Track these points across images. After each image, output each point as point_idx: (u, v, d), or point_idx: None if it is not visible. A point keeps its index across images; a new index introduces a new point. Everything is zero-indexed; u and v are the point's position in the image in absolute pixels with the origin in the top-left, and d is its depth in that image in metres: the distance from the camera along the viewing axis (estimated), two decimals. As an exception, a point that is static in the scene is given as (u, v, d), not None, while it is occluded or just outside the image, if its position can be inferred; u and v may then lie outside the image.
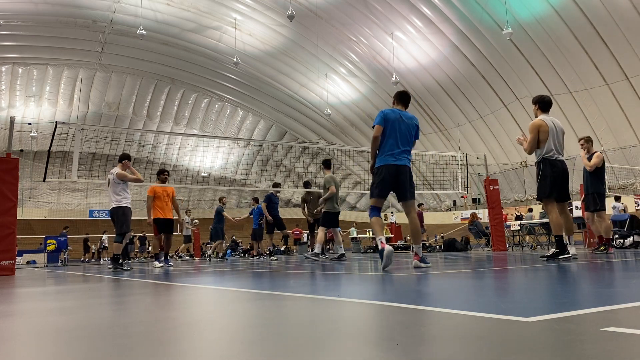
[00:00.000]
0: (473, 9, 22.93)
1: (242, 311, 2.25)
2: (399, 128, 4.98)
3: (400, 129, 4.98)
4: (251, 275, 5.13)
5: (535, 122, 5.80)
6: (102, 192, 41.26)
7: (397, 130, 4.97)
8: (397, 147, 4.96)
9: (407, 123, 5.05)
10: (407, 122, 5.05)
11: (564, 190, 5.81)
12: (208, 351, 1.37)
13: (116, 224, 8.13)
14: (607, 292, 2.43)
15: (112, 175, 8.27)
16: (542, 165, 5.72)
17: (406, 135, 5.01)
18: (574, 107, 24.80)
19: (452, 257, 9.07)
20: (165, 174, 9.72)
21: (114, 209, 8.18)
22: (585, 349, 1.16)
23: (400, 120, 5.00)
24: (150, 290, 3.77)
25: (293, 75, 32.83)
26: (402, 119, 5.03)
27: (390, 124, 4.97)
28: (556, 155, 5.74)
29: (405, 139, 5.01)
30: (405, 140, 5.00)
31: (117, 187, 8.21)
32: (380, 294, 2.76)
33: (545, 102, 5.95)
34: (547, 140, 5.72)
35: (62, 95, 34.49)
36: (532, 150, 5.80)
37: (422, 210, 18.81)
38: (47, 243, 17.26)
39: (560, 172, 5.70)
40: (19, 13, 26.71)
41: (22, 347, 1.56)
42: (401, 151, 4.97)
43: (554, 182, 5.68)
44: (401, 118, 5.03)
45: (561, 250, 5.66)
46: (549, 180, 5.67)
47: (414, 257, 5.11)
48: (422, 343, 1.32)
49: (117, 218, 8.10)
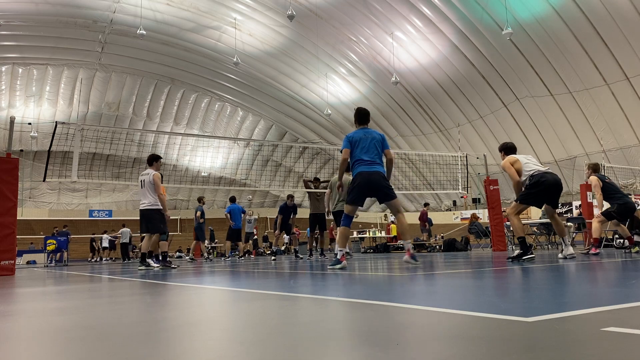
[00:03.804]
0: (473, 9, 22.92)
1: (242, 311, 2.25)
2: (365, 143, 5.54)
3: (366, 144, 5.54)
4: (254, 276, 5.13)
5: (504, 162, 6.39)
6: (102, 192, 41.26)
7: (364, 146, 5.53)
8: (367, 157, 5.49)
9: (372, 137, 5.60)
10: (372, 137, 5.61)
11: (554, 200, 6.23)
12: (208, 351, 1.37)
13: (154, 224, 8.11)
14: (607, 292, 2.43)
15: (149, 176, 8.18)
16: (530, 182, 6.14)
17: (374, 148, 5.54)
18: (574, 107, 24.80)
19: (452, 257, 9.07)
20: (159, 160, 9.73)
21: (149, 211, 8.11)
22: (585, 349, 1.16)
23: (365, 137, 5.59)
24: (150, 290, 3.77)
25: (293, 76, 32.81)
26: (366, 135, 5.61)
27: (357, 142, 5.57)
28: (541, 171, 6.16)
29: (374, 150, 5.53)
30: (373, 152, 5.53)
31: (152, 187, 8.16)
32: (380, 294, 2.76)
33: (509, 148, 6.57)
34: (523, 165, 6.23)
35: (62, 95, 34.47)
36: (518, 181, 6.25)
37: (426, 210, 18.80)
38: (47, 243, 17.21)
39: (548, 186, 6.05)
40: (20, 13, 26.69)
41: (22, 347, 1.56)
42: (371, 160, 5.49)
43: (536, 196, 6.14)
44: (365, 135, 5.61)
45: (525, 251, 5.93)
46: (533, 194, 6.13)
47: (406, 252, 5.55)
48: (422, 343, 1.32)
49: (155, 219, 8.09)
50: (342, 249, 5.54)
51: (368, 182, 5.44)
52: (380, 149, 5.62)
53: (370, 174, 5.43)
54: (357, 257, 11.19)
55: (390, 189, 5.55)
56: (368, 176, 5.42)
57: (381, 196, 5.52)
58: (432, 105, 30.51)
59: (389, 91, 30.68)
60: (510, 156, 6.42)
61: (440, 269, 5.00)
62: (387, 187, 5.50)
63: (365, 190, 5.48)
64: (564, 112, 25.23)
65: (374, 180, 5.43)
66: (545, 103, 25.39)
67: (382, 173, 5.52)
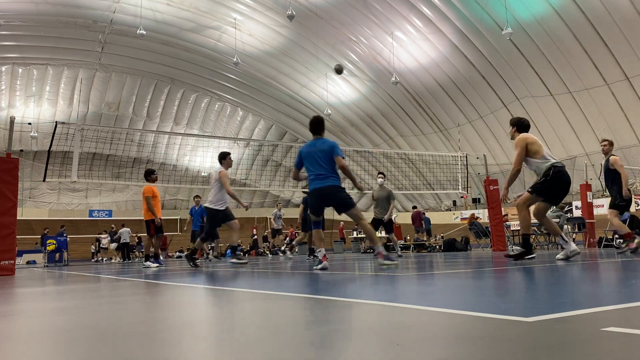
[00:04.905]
0: (473, 9, 22.92)
1: (243, 311, 2.25)
2: (313, 157, 5.55)
3: (314, 158, 5.54)
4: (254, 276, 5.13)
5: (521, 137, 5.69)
6: (102, 192, 41.25)
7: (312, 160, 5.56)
8: (317, 171, 5.53)
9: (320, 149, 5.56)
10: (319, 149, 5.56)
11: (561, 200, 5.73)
12: (208, 351, 1.37)
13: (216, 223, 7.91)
14: (607, 292, 2.43)
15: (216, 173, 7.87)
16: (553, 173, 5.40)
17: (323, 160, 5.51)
18: (574, 107, 24.80)
19: (452, 257, 9.07)
20: (155, 174, 9.61)
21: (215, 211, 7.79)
22: (585, 349, 1.16)
23: (312, 151, 5.58)
24: (150, 290, 3.77)
25: (293, 75, 32.81)
26: (314, 148, 5.59)
27: (305, 158, 5.62)
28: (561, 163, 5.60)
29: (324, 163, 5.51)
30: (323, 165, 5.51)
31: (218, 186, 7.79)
32: (380, 294, 2.76)
33: (523, 125, 5.87)
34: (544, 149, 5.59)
35: (62, 95, 34.47)
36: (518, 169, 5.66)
37: (418, 211, 18.84)
38: (47, 243, 17.20)
39: (566, 184, 5.50)
40: (20, 13, 26.69)
41: (22, 347, 1.56)
42: (322, 174, 5.50)
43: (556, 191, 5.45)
44: (313, 148, 5.59)
45: (528, 250, 5.54)
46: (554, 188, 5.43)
47: (379, 256, 5.53)
48: (422, 343, 1.32)
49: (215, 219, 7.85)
50: (320, 249, 5.65)
51: (320, 197, 5.55)
52: (329, 159, 5.53)
53: (321, 189, 5.51)
54: (357, 257, 11.19)
55: (346, 199, 5.59)
56: (319, 192, 5.52)
57: (338, 208, 5.60)
58: (432, 105, 30.50)
59: (389, 91, 30.66)
60: (529, 134, 5.74)
61: (440, 269, 5.01)
62: (341, 199, 5.54)
63: (321, 203, 5.64)
64: (564, 112, 25.22)
65: (326, 195, 5.52)
66: (545, 103, 25.39)
67: (335, 186, 5.52)
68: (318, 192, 5.55)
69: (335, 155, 5.53)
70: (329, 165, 5.53)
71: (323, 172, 5.50)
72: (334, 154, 5.53)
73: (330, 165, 5.53)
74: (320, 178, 5.51)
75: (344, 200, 5.58)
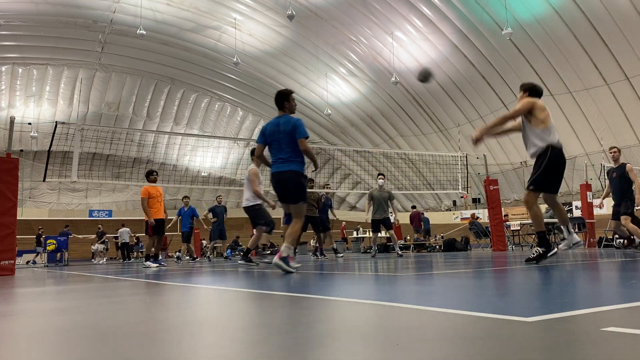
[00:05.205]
0: (473, 9, 22.92)
1: (242, 311, 2.25)
2: (276, 137, 5.10)
3: (277, 138, 5.09)
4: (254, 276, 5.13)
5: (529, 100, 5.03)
6: (102, 192, 41.24)
7: (274, 139, 5.11)
8: (279, 154, 5.10)
9: (282, 129, 5.07)
10: (282, 129, 5.08)
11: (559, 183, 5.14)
12: (208, 351, 1.37)
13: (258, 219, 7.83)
14: (607, 292, 2.43)
15: (248, 171, 7.85)
16: (551, 156, 4.85)
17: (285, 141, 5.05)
18: (574, 107, 24.79)
19: (451, 257, 9.07)
20: (154, 174, 9.66)
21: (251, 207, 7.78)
22: (585, 349, 1.16)
23: (277, 130, 5.11)
24: (151, 290, 3.77)
25: (293, 76, 32.81)
26: (278, 128, 5.11)
27: (269, 137, 5.16)
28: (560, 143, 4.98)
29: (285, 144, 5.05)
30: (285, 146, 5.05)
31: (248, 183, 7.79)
32: (380, 293, 2.76)
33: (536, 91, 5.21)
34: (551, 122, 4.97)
35: (62, 95, 34.47)
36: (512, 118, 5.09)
37: (417, 212, 18.86)
38: (47, 243, 17.22)
39: (563, 164, 4.97)
40: (20, 13, 26.70)
41: (22, 347, 1.56)
42: (283, 158, 5.06)
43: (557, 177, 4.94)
44: (277, 127, 5.12)
45: (548, 248, 5.01)
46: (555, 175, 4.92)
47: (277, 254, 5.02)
48: (422, 343, 1.31)
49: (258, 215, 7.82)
50: (289, 246, 5.01)
51: (277, 183, 5.14)
52: (292, 141, 5.04)
53: (279, 173, 5.09)
54: (356, 257, 11.19)
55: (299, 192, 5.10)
56: (277, 176, 5.11)
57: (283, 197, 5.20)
58: (432, 105, 30.51)
59: (389, 91, 30.66)
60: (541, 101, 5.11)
61: (440, 269, 5.00)
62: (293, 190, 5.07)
63: (279, 190, 5.18)
64: (564, 112, 25.22)
65: (283, 180, 5.09)
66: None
67: (295, 171, 5.05)
68: (277, 177, 5.12)
69: (299, 137, 5.04)
70: (291, 148, 5.06)
71: (284, 156, 5.07)
72: (297, 136, 5.04)
73: (294, 147, 5.05)
74: (280, 162, 5.09)
75: (296, 192, 5.09)
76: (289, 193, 5.13)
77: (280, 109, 5.23)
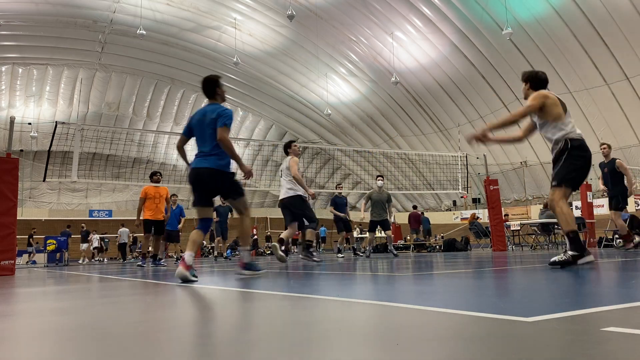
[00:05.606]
0: (473, 9, 22.92)
1: (242, 311, 2.25)
2: (200, 127, 4.50)
3: (201, 128, 4.48)
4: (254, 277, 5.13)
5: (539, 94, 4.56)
6: (102, 192, 41.22)
7: (198, 130, 4.52)
8: (202, 147, 4.49)
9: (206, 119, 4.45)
10: (206, 118, 4.45)
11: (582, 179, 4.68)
12: (209, 351, 1.37)
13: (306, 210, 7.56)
14: (607, 292, 2.43)
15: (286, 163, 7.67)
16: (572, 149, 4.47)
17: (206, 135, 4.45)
18: (574, 107, 24.76)
19: (452, 257, 9.08)
20: (157, 175, 9.70)
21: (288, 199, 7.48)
22: (585, 349, 1.16)
23: (202, 120, 4.49)
24: (151, 290, 3.77)
25: (293, 76, 32.81)
26: (204, 117, 4.48)
27: (195, 128, 4.57)
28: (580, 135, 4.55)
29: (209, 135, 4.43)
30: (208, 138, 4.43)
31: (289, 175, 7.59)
32: (380, 293, 2.76)
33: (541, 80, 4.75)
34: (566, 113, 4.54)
35: (62, 95, 34.46)
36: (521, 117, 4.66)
37: (417, 212, 18.84)
38: (47, 243, 17.24)
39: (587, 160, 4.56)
40: (20, 13, 26.69)
41: (22, 347, 1.56)
42: (205, 152, 4.45)
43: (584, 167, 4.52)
44: (204, 117, 4.49)
45: (582, 252, 4.21)
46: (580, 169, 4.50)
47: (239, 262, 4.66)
48: (422, 343, 1.32)
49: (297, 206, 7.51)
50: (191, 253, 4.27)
51: (195, 180, 4.46)
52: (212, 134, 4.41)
53: (198, 169, 4.41)
54: (356, 257, 11.18)
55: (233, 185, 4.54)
56: (195, 172, 4.43)
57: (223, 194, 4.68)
58: (432, 105, 30.51)
59: (389, 91, 30.66)
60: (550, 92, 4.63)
61: (439, 269, 5.00)
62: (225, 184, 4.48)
63: (198, 188, 4.47)
64: (564, 112, 25.18)
65: (203, 177, 4.41)
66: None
67: (214, 168, 4.39)
68: (194, 173, 4.44)
69: (219, 126, 4.35)
70: (211, 143, 4.42)
71: (205, 150, 4.44)
72: (218, 124, 4.36)
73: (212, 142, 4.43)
74: (201, 156, 4.45)
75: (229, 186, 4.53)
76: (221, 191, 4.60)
77: (210, 98, 4.62)
